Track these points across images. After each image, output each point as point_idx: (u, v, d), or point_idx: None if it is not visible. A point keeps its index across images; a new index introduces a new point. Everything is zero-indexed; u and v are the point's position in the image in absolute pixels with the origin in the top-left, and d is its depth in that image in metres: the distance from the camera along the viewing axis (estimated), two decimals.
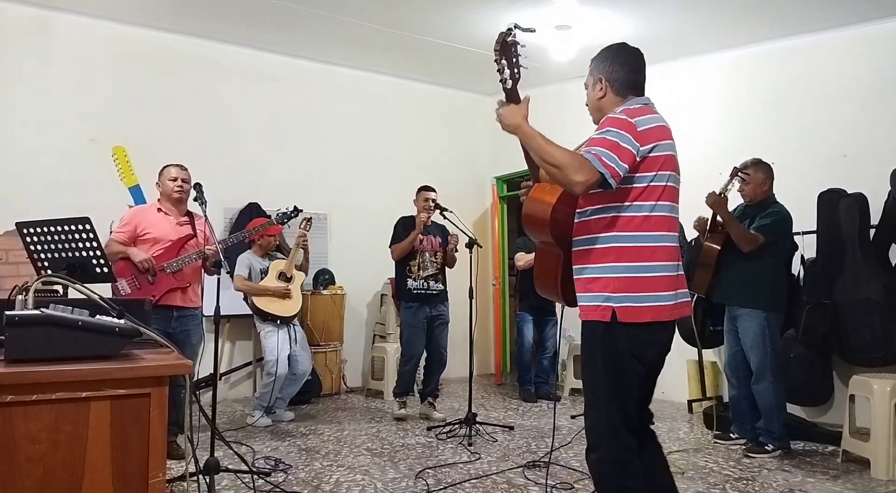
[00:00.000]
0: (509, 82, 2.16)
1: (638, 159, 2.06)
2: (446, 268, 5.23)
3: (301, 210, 4.46)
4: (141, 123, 5.52)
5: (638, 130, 2.05)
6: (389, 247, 5.17)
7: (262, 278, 5.02)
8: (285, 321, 5.01)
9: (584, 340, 2.21)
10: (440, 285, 5.16)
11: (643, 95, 2.25)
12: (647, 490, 2.16)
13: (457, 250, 5.13)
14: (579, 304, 2.20)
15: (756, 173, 4.15)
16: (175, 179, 3.98)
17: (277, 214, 4.40)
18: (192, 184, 3.63)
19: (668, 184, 2.13)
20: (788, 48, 5.42)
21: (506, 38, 2.14)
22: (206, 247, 3.84)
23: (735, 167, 4.18)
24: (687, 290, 2.23)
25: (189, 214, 4.07)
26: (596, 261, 2.12)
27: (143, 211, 4.08)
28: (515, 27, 2.16)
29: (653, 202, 2.10)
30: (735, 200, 4.27)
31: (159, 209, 4.01)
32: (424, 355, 5.20)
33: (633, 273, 2.07)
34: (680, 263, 2.18)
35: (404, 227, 5.16)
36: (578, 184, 1.97)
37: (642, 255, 2.08)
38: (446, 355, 5.21)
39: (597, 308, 2.11)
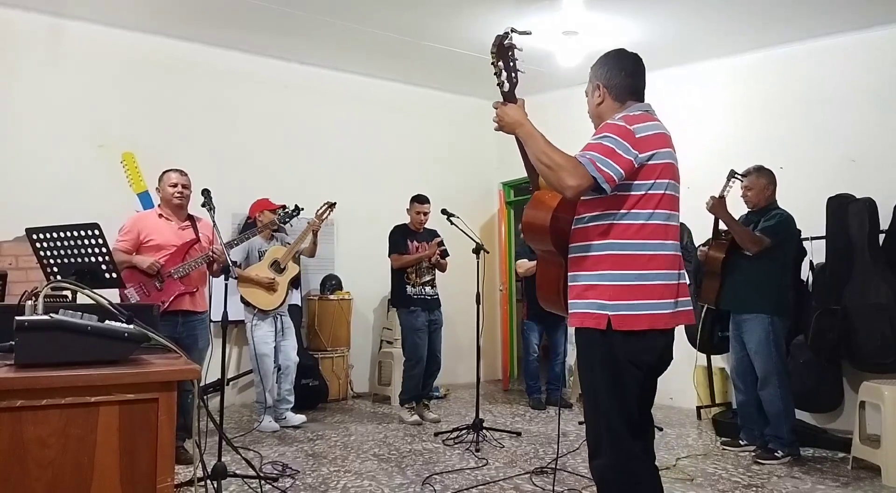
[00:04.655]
0: (506, 85, 2.16)
1: (636, 166, 2.04)
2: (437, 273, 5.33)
3: (302, 208, 4.46)
4: (150, 129, 5.56)
5: (636, 137, 2.03)
6: (389, 256, 5.25)
7: (258, 260, 4.93)
8: (266, 312, 4.88)
9: (579, 348, 2.20)
10: (436, 290, 5.28)
11: (643, 101, 2.24)
12: None
13: (443, 257, 5.22)
14: (572, 311, 2.17)
15: (758, 179, 4.15)
16: (175, 185, 3.95)
17: (279, 215, 4.44)
18: (201, 190, 3.58)
19: (667, 192, 2.10)
20: (796, 53, 5.40)
21: (502, 42, 2.13)
22: (213, 248, 3.86)
23: (732, 170, 4.18)
24: (689, 298, 2.19)
25: (191, 217, 4.05)
26: (591, 268, 2.10)
27: (143, 218, 4.04)
28: (512, 31, 2.15)
29: (650, 210, 2.07)
30: (737, 207, 4.24)
31: (160, 215, 3.99)
32: None
33: (629, 281, 2.05)
34: (682, 271, 2.15)
35: (401, 235, 5.28)
36: (570, 187, 1.98)
37: (639, 263, 2.05)
38: (441, 360, 5.28)
39: (591, 315, 2.08)
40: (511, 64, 2.15)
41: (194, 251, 3.92)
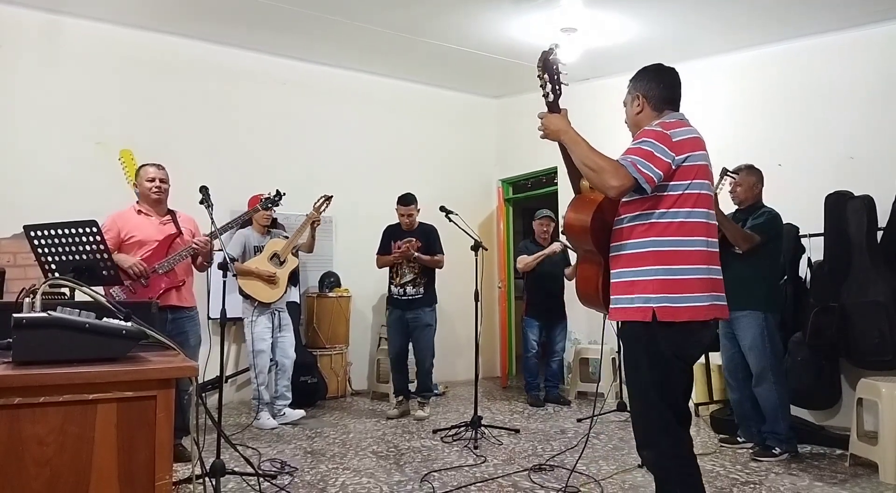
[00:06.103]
0: (551, 96, 2.35)
1: (673, 168, 2.19)
2: (436, 270, 5.34)
3: (284, 194, 4.42)
4: (148, 126, 5.54)
5: (673, 140, 2.19)
6: (376, 254, 5.34)
7: (255, 255, 4.91)
8: (266, 306, 4.88)
9: (625, 343, 2.32)
10: (419, 290, 5.28)
11: (678, 111, 2.39)
12: (702, 481, 2.31)
13: (414, 255, 5.19)
14: (615, 306, 2.30)
15: (749, 177, 4.19)
16: (153, 180, 3.88)
17: (262, 201, 4.42)
18: (199, 187, 3.56)
19: (703, 192, 2.25)
20: (795, 50, 5.40)
21: (548, 57, 2.35)
22: (196, 240, 3.83)
23: (724, 168, 4.20)
24: (723, 293, 2.31)
25: (171, 212, 3.99)
26: (635, 265, 2.24)
27: (122, 215, 3.88)
28: (556, 47, 2.38)
29: (688, 209, 2.22)
30: (725, 203, 4.25)
31: (139, 211, 3.90)
32: (412, 357, 5.41)
33: (670, 276, 2.19)
34: (718, 266, 2.29)
35: (387, 235, 5.37)
36: (613, 188, 2.15)
37: (678, 258, 2.19)
38: (430, 357, 5.33)
39: (637, 309, 2.22)
40: (556, 77, 2.36)
41: (177, 245, 3.86)
